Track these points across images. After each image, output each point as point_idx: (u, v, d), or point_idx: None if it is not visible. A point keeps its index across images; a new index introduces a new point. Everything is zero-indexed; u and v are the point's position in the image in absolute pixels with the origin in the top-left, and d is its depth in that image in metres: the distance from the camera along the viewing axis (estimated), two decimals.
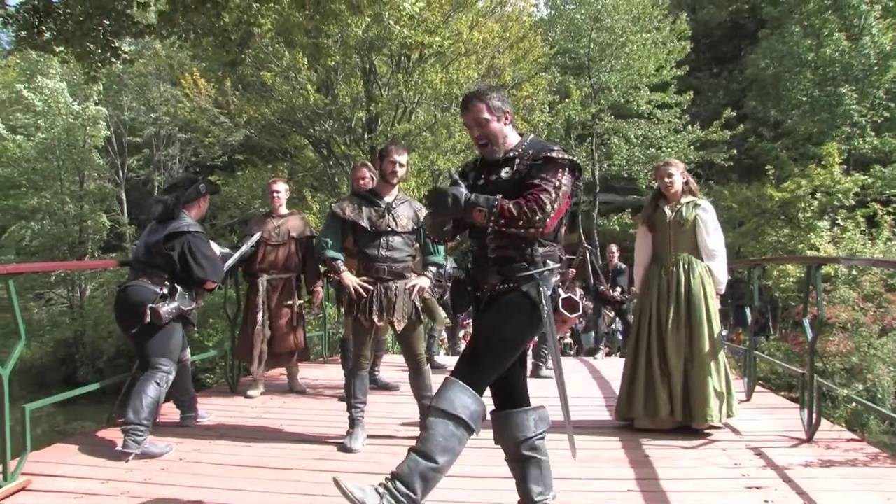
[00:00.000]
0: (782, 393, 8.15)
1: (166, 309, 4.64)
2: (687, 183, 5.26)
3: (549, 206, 3.01)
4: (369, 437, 4.94)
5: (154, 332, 4.67)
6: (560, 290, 3.23)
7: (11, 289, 4.10)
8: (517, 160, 3.20)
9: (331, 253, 4.81)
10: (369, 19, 12.57)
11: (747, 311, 7.06)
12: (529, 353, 10.88)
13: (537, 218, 2.99)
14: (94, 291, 26.43)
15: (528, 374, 7.81)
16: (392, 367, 8.04)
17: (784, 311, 18.73)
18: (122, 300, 4.80)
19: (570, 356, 13.30)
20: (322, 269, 6.56)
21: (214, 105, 20.44)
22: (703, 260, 5.11)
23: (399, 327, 4.74)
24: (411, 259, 4.91)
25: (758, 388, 6.77)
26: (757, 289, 7.18)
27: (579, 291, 4.44)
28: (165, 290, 4.72)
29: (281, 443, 4.89)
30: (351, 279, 4.70)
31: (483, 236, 3.20)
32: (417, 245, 5.04)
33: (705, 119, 24.71)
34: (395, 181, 4.80)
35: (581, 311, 3.26)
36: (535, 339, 9.04)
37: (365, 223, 4.72)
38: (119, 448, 4.44)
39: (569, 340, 15.29)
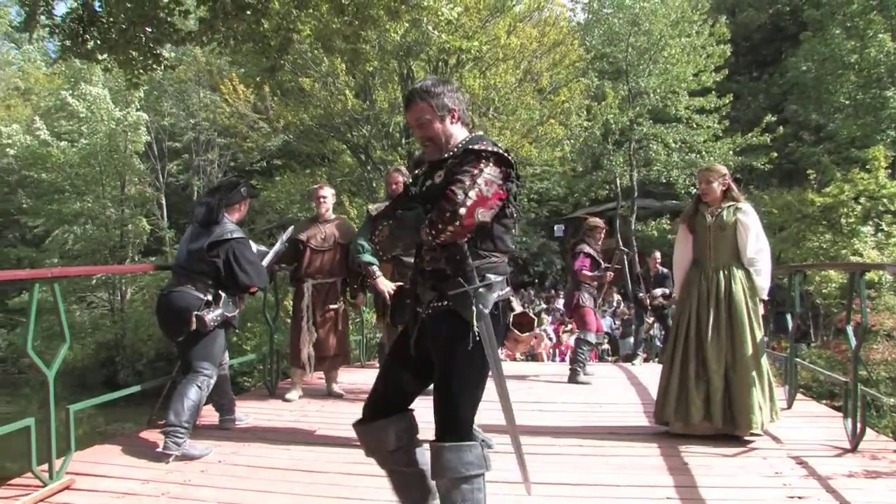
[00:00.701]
0: (824, 401, 8.00)
1: (211, 316, 4.68)
2: (728, 189, 5.15)
3: (460, 196, 2.73)
4: None
5: (198, 337, 4.71)
6: (515, 305, 3.09)
7: (57, 292, 4.16)
8: (450, 160, 2.93)
9: (366, 257, 4.77)
10: (407, 24, 12.62)
11: (788, 317, 6.92)
12: (567, 358, 10.86)
13: (447, 215, 2.72)
14: (133, 295, 26.80)
15: (567, 379, 7.83)
16: None
17: (826, 317, 18.38)
18: (166, 306, 4.83)
19: (609, 362, 13.21)
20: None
21: (253, 110, 20.65)
22: (743, 265, 5.02)
23: None
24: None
25: (799, 395, 6.64)
26: (798, 295, 7.05)
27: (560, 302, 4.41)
28: (210, 297, 4.75)
29: (317, 446, 4.90)
30: (386, 284, 4.66)
31: (419, 247, 3.03)
32: None
33: (745, 123, 24.40)
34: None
35: (534, 330, 3.06)
36: (573, 344, 9.00)
37: None
38: (160, 449, 4.48)
39: (606, 346, 15.18)
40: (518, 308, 6.21)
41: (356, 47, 10.23)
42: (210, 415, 5.49)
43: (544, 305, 22.12)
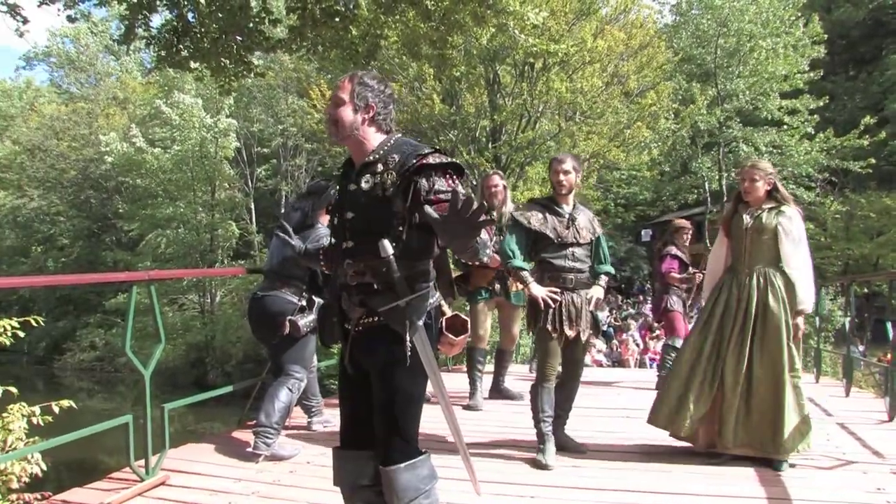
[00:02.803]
0: None
1: (305, 321, 4.71)
2: (774, 189, 4.67)
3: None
4: (491, 444, 4.92)
5: (291, 341, 4.75)
6: (446, 309, 2.91)
7: (153, 294, 4.27)
8: (379, 166, 2.69)
9: (517, 263, 4.74)
10: (493, 29, 12.63)
11: (888, 325, 6.58)
12: (655, 366, 10.64)
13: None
14: (223, 297, 27.52)
15: (655, 386, 7.66)
16: (514, 376, 7.97)
17: None
18: (259, 309, 4.89)
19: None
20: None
21: None
22: (784, 273, 4.53)
23: (584, 337, 4.65)
24: (590, 269, 4.78)
25: None
26: None
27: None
28: (304, 302, 4.79)
29: None
30: (539, 290, 4.62)
31: (341, 259, 2.77)
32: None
33: (840, 124, 23.58)
34: (563, 191, 4.67)
35: (468, 332, 2.85)
36: (660, 350, 8.81)
37: (551, 234, 4.62)
38: (250, 449, 4.55)
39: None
40: (449, 312, 6.13)
41: (443, 52, 10.30)
42: (299, 416, 5.55)
43: (632, 311, 21.79)
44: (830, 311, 15.29)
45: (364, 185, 2.68)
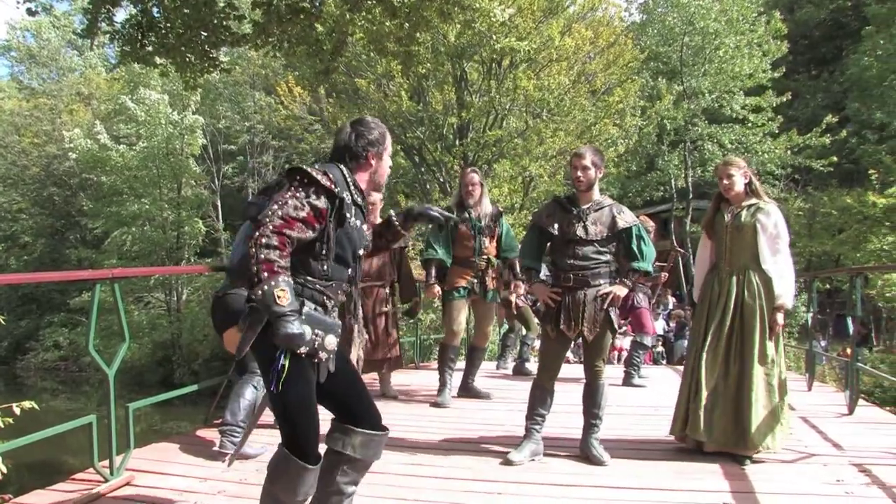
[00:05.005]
0: (888, 408, 7.77)
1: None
2: (750, 184, 4.77)
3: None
4: (460, 441, 4.93)
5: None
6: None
7: (117, 292, 4.22)
8: None
9: (526, 263, 4.76)
10: (460, 26, 12.63)
11: (849, 321, 6.70)
12: (622, 361, 10.74)
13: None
14: (190, 295, 27.31)
15: (621, 382, 7.73)
16: (482, 373, 7.97)
17: (889, 321, 17.95)
18: (221, 307, 4.84)
19: (663, 365, 13.03)
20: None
21: (308, 112, 20.85)
22: (763, 270, 4.59)
23: (590, 336, 4.51)
24: (606, 266, 4.58)
25: (861, 401, 6.44)
26: (860, 298, 6.82)
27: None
28: None
29: None
30: (542, 290, 4.60)
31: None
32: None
33: (803, 122, 23.89)
34: (581, 187, 4.57)
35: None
36: (627, 348, 8.88)
37: (555, 231, 4.55)
38: (216, 448, 4.53)
39: (661, 349, 14.97)
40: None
41: (409, 49, 10.27)
42: (266, 415, 5.52)
43: None
44: (795, 307, 15.51)
45: None
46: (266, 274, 2.65)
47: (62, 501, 3.63)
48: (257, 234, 2.70)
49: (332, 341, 2.86)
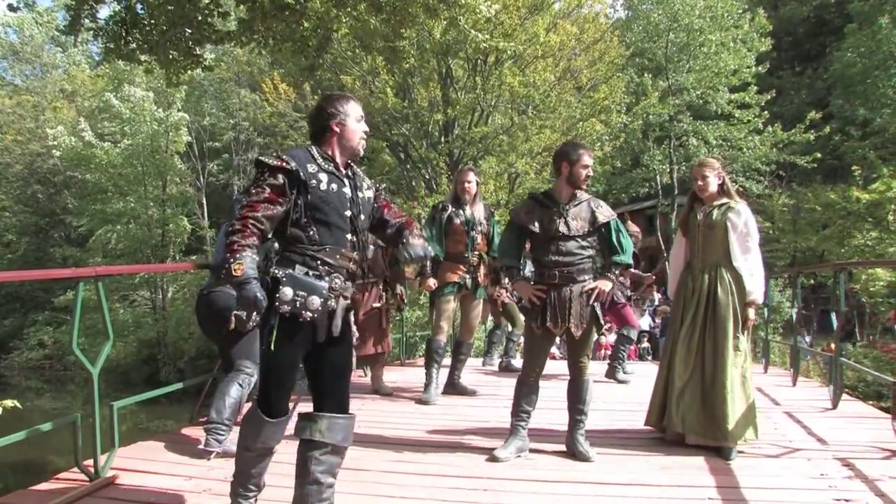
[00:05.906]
0: (871, 402, 7.80)
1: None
2: (723, 184, 4.84)
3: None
4: (446, 438, 4.93)
5: (239, 336, 4.71)
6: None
7: (101, 291, 4.19)
8: None
9: (505, 262, 4.74)
10: (445, 23, 12.61)
11: (833, 316, 6.74)
12: (607, 355, 10.76)
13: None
14: (175, 293, 27.20)
15: (605, 374, 7.74)
16: (468, 369, 7.97)
17: (872, 316, 18.05)
18: (205, 305, 4.84)
19: (648, 361, 13.08)
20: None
21: (294, 109, 20.79)
22: (734, 267, 4.69)
23: (577, 333, 4.48)
24: (589, 261, 4.57)
25: (844, 396, 6.47)
26: (843, 293, 6.85)
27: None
28: None
29: (359, 444, 4.87)
30: (525, 288, 4.58)
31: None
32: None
33: (788, 118, 24.04)
34: (583, 186, 4.57)
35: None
36: (611, 342, 8.90)
37: (535, 228, 4.52)
38: (201, 446, 4.50)
39: (646, 345, 15.02)
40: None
41: (394, 45, 10.26)
42: None
43: None
44: (779, 302, 15.60)
45: None
46: (228, 254, 3.01)
47: (46, 501, 3.60)
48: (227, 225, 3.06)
49: (315, 301, 3.08)
